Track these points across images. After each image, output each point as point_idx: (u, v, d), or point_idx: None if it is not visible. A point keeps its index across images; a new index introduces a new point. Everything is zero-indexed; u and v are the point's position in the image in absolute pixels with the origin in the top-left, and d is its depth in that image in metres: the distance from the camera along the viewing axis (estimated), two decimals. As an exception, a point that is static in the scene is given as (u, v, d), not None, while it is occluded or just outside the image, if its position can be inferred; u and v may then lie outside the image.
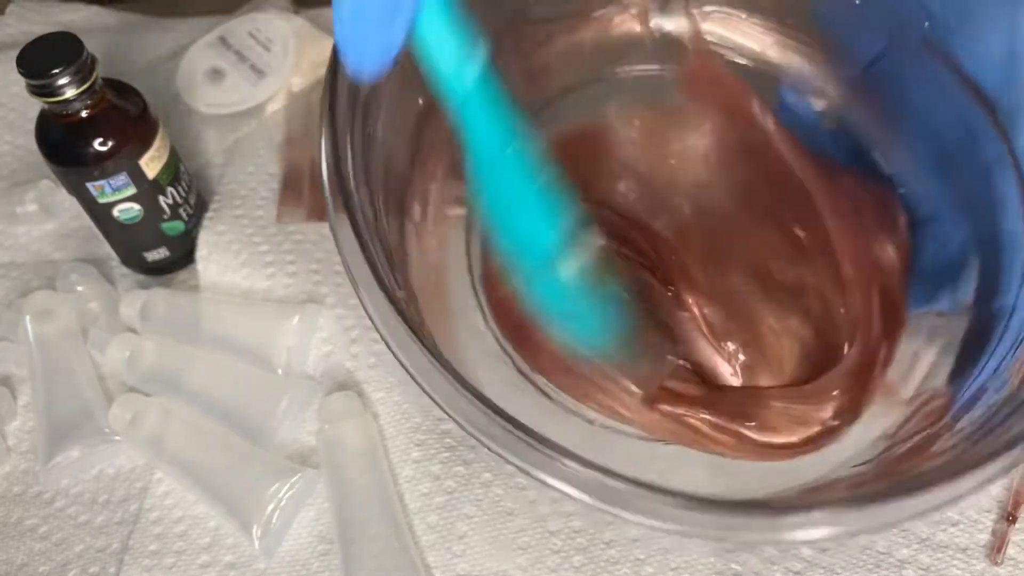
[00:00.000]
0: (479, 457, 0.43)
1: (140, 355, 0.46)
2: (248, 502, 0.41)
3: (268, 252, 0.50)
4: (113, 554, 0.42)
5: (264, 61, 0.58)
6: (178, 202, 0.49)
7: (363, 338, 0.47)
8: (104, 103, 0.44)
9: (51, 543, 0.43)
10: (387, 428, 0.44)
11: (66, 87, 0.41)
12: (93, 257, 0.52)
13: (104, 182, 0.45)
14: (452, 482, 0.42)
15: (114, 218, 0.47)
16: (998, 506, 0.40)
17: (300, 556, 0.41)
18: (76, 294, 0.49)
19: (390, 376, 0.45)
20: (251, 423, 0.44)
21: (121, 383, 0.47)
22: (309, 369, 0.47)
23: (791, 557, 0.39)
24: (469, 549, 0.41)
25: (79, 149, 0.44)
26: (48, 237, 0.54)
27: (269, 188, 0.53)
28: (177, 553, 0.42)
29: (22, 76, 0.41)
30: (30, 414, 0.47)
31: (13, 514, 0.44)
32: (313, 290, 0.48)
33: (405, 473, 0.43)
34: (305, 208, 0.53)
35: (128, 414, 0.44)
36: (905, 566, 0.39)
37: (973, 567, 0.39)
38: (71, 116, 0.43)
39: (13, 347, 0.48)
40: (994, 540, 0.39)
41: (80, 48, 0.41)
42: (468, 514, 0.42)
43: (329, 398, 0.44)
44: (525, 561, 0.40)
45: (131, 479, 0.44)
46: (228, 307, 0.48)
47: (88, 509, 0.44)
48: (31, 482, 0.45)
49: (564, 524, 0.41)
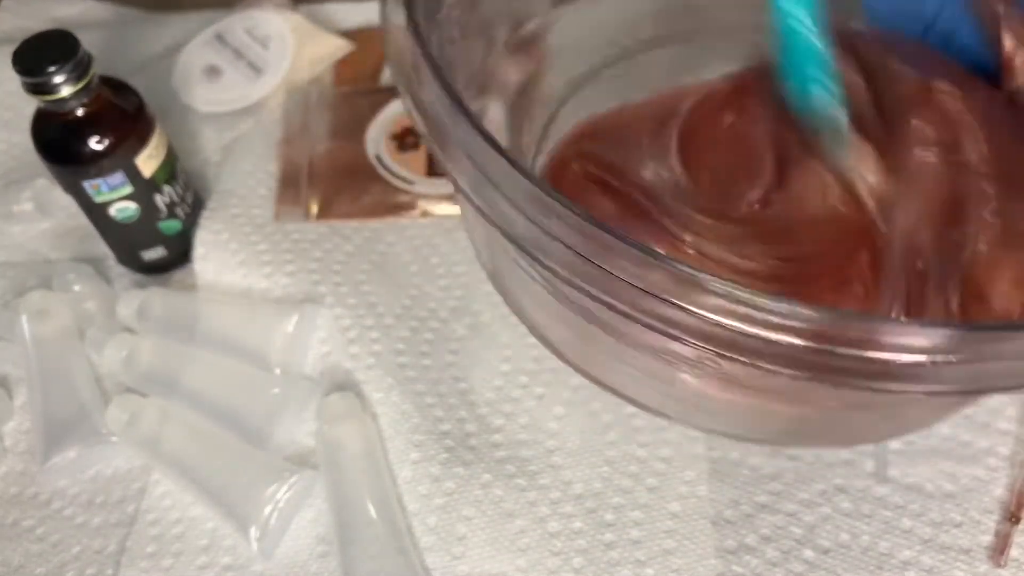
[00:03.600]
0: (478, 458, 0.43)
1: (137, 355, 0.46)
2: (246, 503, 0.41)
3: (266, 251, 0.50)
4: (110, 556, 0.42)
5: (262, 58, 0.58)
6: (175, 201, 0.49)
7: (362, 338, 0.46)
8: (100, 101, 0.43)
9: (48, 544, 0.43)
10: (386, 429, 0.44)
11: (62, 85, 0.41)
12: (90, 256, 0.52)
13: (100, 181, 0.45)
14: (451, 483, 0.42)
15: (110, 217, 0.47)
16: (1001, 507, 0.40)
17: (298, 558, 0.41)
18: (73, 294, 0.49)
19: (388, 377, 0.45)
20: (249, 424, 0.44)
21: (118, 383, 0.47)
22: (307, 369, 0.47)
23: (793, 559, 0.39)
24: (468, 551, 0.40)
25: (75, 147, 0.43)
26: (44, 236, 0.54)
27: (267, 187, 0.53)
28: (175, 555, 0.42)
29: (18, 74, 0.41)
30: (26, 414, 0.46)
31: (10, 515, 0.44)
32: (311, 290, 0.48)
33: (404, 474, 0.42)
34: (303, 207, 0.52)
35: (125, 415, 0.44)
36: (908, 567, 0.39)
37: (976, 569, 0.39)
38: (67, 114, 0.43)
39: (9, 347, 0.48)
40: (997, 541, 0.39)
41: (76, 46, 0.41)
42: (467, 515, 0.41)
43: (327, 399, 0.44)
44: (525, 563, 0.40)
45: (128, 480, 0.44)
46: (226, 307, 0.48)
47: (85, 510, 0.43)
48: (28, 483, 0.44)
49: (564, 526, 0.41)
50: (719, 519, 0.41)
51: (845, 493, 0.41)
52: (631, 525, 0.41)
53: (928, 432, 0.42)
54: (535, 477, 0.42)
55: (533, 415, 0.44)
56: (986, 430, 0.42)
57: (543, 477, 0.42)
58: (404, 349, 0.46)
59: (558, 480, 0.42)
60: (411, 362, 0.46)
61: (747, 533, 0.40)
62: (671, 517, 0.41)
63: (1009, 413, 0.43)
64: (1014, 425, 0.42)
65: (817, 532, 0.40)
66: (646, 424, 0.44)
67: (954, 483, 0.41)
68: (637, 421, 0.44)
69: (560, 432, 0.44)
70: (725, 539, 0.40)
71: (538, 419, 0.44)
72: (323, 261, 0.49)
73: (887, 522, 0.40)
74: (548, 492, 0.42)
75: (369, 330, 0.47)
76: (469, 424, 0.44)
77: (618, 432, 0.43)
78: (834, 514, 0.40)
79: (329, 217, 0.52)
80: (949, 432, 0.42)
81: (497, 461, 0.43)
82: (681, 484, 0.42)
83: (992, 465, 0.41)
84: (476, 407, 0.45)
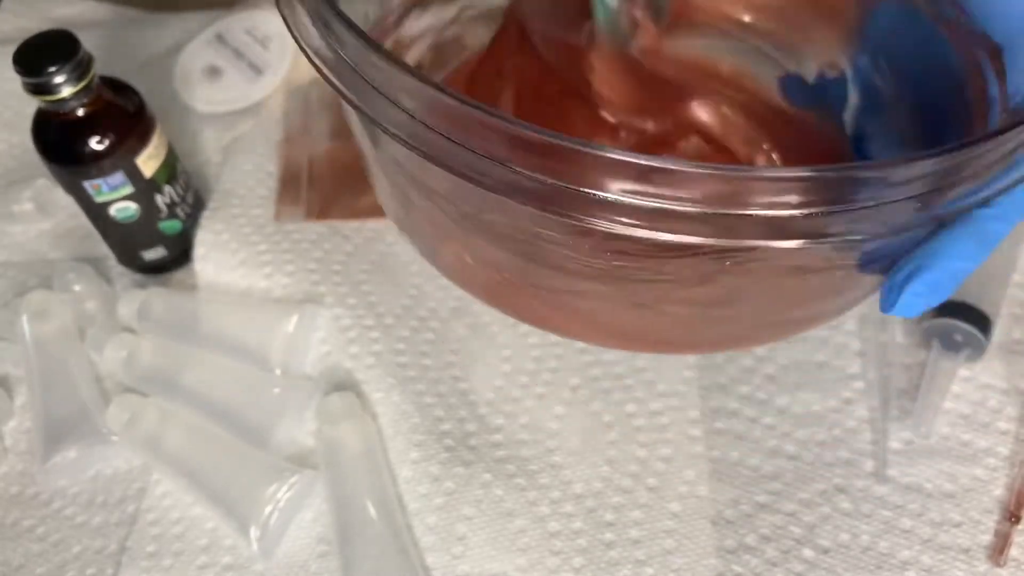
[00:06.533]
0: (478, 458, 0.43)
1: (138, 355, 0.46)
2: (246, 503, 0.41)
3: (266, 252, 0.50)
4: (111, 555, 0.42)
5: (262, 59, 0.58)
6: (175, 201, 0.49)
7: (362, 338, 0.46)
8: (101, 101, 0.43)
9: (48, 544, 0.43)
10: (386, 429, 0.44)
11: (62, 85, 0.41)
12: (90, 256, 0.52)
13: (101, 181, 0.45)
14: (451, 483, 0.42)
15: (111, 217, 0.47)
16: (1001, 507, 0.40)
17: (298, 557, 0.41)
18: (73, 294, 0.49)
19: (388, 376, 0.45)
20: (249, 423, 0.44)
21: (118, 383, 0.47)
22: (307, 369, 0.47)
23: (792, 559, 0.39)
24: (468, 551, 0.40)
25: (76, 147, 0.44)
26: (44, 236, 0.54)
27: (267, 187, 0.53)
28: (175, 554, 0.42)
29: (18, 74, 0.41)
30: (27, 414, 0.46)
31: (10, 515, 0.44)
32: (311, 290, 0.48)
33: (404, 474, 0.43)
34: (303, 207, 0.52)
35: (126, 414, 0.44)
36: (907, 567, 0.39)
37: (975, 568, 0.38)
38: (68, 114, 0.43)
39: (10, 347, 0.48)
40: (997, 541, 0.39)
41: (76, 46, 0.41)
42: (467, 515, 0.41)
43: (327, 398, 0.44)
44: (525, 563, 0.40)
45: (128, 480, 0.44)
46: (226, 307, 0.48)
47: (85, 510, 0.43)
48: (28, 483, 0.45)
49: (564, 525, 0.41)
50: (719, 519, 0.41)
51: (845, 493, 0.41)
52: (631, 525, 0.41)
53: (928, 432, 0.42)
54: (535, 477, 0.42)
55: (533, 415, 0.44)
56: (986, 430, 0.42)
57: (543, 477, 0.42)
58: (404, 349, 0.46)
59: (558, 480, 0.42)
60: (411, 362, 0.46)
61: (747, 533, 0.40)
62: (671, 517, 0.41)
63: (1009, 413, 0.43)
64: (1014, 425, 0.42)
65: (817, 532, 0.40)
66: (646, 424, 0.44)
67: (954, 483, 0.41)
68: (637, 421, 0.44)
69: (560, 432, 0.44)
70: (725, 539, 0.40)
71: (538, 419, 0.44)
72: (323, 261, 0.49)
73: (887, 522, 0.40)
74: (548, 492, 0.42)
75: (369, 330, 0.47)
76: (469, 424, 0.44)
77: (618, 432, 0.44)
78: (834, 514, 0.40)
79: (329, 217, 0.52)
80: (949, 432, 0.42)
81: (497, 461, 0.43)
82: (681, 484, 0.42)
83: (992, 465, 0.41)
84: (476, 407, 0.45)
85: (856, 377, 0.44)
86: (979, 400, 0.43)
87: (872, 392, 0.44)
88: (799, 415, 0.43)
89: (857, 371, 0.44)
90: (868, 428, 0.43)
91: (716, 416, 0.44)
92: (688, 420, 0.44)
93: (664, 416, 0.44)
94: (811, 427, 0.43)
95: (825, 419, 0.43)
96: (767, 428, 0.43)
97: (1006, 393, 0.43)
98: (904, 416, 0.43)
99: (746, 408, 0.44)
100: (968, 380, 0.44)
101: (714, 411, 0.44)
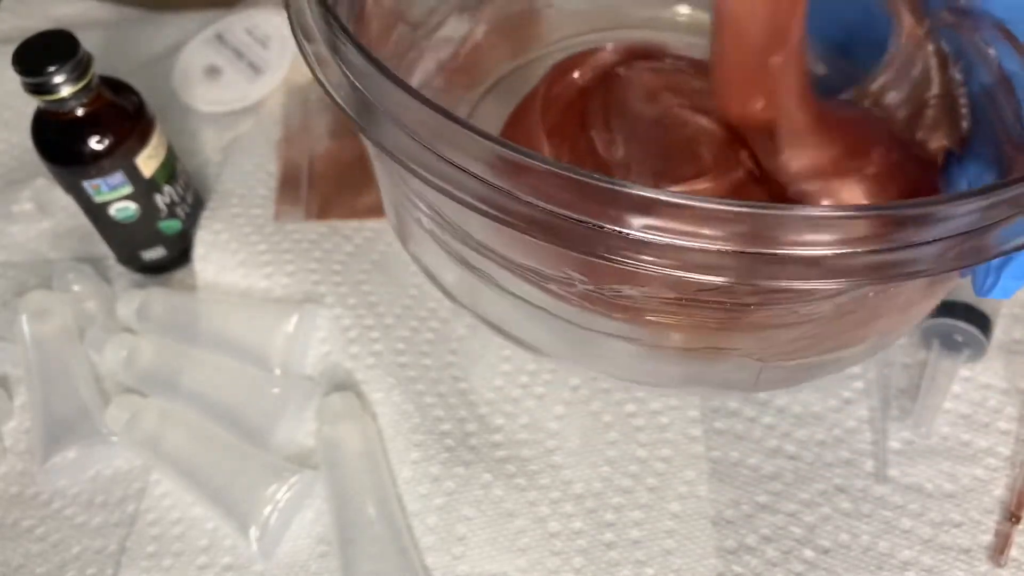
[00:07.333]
0: (478, 458, 0.43)
1: (137, 355, 0.46)
2: (246, 503, 0.41)
3: (266, 251, 0.50)
4: (110, 556, 0.42)
5: (261, 58, 0.58)
6: (175, 201, 0.49)
7: (362, 338, 0.46)
8: (100, 101, 0.43)
9: (48, 544, 0.43)
10: (386, 429, 0.44)
11: (62, 85, 0.41)
12: (89, 256, 0.52)
13: (100, 180, 0.45)
14: (451, 483, 0.42)
15: (110, 217, 0.47)
16: (1001, 507, 0.40)
17: (298, 558, 0.41)
18: (72, 293, 0.49)
19: (389, 376, 0.45)
20: (249, 424, 0.44)
21: (118, 383, 0.47)
22: (307, 369, 0.47)
23: (793, 559, 0.39)
24: (469, 551, 0.40)
25: (75, 147, 0.43)
26: (44, 236, 0.54)
27: (267, 187, 0.53)
28: (175, 555, 0.42)
29: (18, 74, 0.41)
30: (26, 414, 0.46)
31: (10, 515, 0.44)
32: (311, 290, 0.48)
33: (404, 474, 0.42)
34: (303, 207, 0.52)
35: (125, 415, 0.44)
36: (908, 568, 0.39)
37: (976, 569, 0.38)
38: (67, 114, 0.43)
39: (9, 347, 0.48)
40: (997, 542, 0.39)
41: (76, 46, 0.41)
42: (467, 516, 0.41)
43: (328, 398, 0.44)
44: (525, 563, 0.40)
45: (128, 480, 0.44)
46: (226, 307, 0.48)
47: (85, 510, 0.43)
48: (28, 483, 0.44)
49: (565, 526, 0.41)
50: (719, 519, 0.41)
51: (845, 493, 0.41)
52: (631, 525, 0.41)
53: (928, 432, 0.42)
54: (535, 477, 0.42)
55: (533, 415, 0.44)
56: (986, 430, 0.42)
57: (543, 477, 0.42)
58: (404, 349, 0.46)
59: (558, 480, 0.42)
60: (411, 362, 0.46)
61: (747, 533, 0.40)
62: (671, 517, 0.41)
63: (1009, 413, 0.43)
64: (1014, 425, 0.42)
65: (817, 532, 0.40)
66: (646, 424, 0.44)
67: (954, 483, 0.41)
68: (637, 421, 0.44)
69: (560, 432, 0.44)
70: (725, 539, 0.40)
71: (538, 419, 0.44)
72: (323, 261, 0.49)
73: (887, 522, 0.40)
74: (548, 492, 0.42)
75: (369, 330, 0.47)
76: (469, 424, 0.44)
77: (618, 432, 0.43)
78: (834, 514, 0.40)
79: (329, 217, 0.52)
80: (949, 432, 0.42)
81: (497, 461, 0.43)
82: (681, 484, 0.42)
83: (992, 465, 0.41)
84: (476, 407, 0.45)
85: (856, 377, 0.44)
86: (979, 400, 0.43)
87: (872, 392, 0.44)
88: (799, 415, 0.43)
89: (857, 371, 0.44)
90: (868, 428, 0.43)
91: (716, 416, 0.44)
92: (688, 420, 0.44)
93: (664, 416, 0.44)
94: (811, 427, 0.43)
95: (825, 419, 0.43)
96: (767, 428, 0.43)
97: (1006, 393, 0.43)
98: (904, 416, 0.43)
99: (746, 408, 0.44)
100: (968, 380, 0.44)
101: (714, 411, 0.44)
